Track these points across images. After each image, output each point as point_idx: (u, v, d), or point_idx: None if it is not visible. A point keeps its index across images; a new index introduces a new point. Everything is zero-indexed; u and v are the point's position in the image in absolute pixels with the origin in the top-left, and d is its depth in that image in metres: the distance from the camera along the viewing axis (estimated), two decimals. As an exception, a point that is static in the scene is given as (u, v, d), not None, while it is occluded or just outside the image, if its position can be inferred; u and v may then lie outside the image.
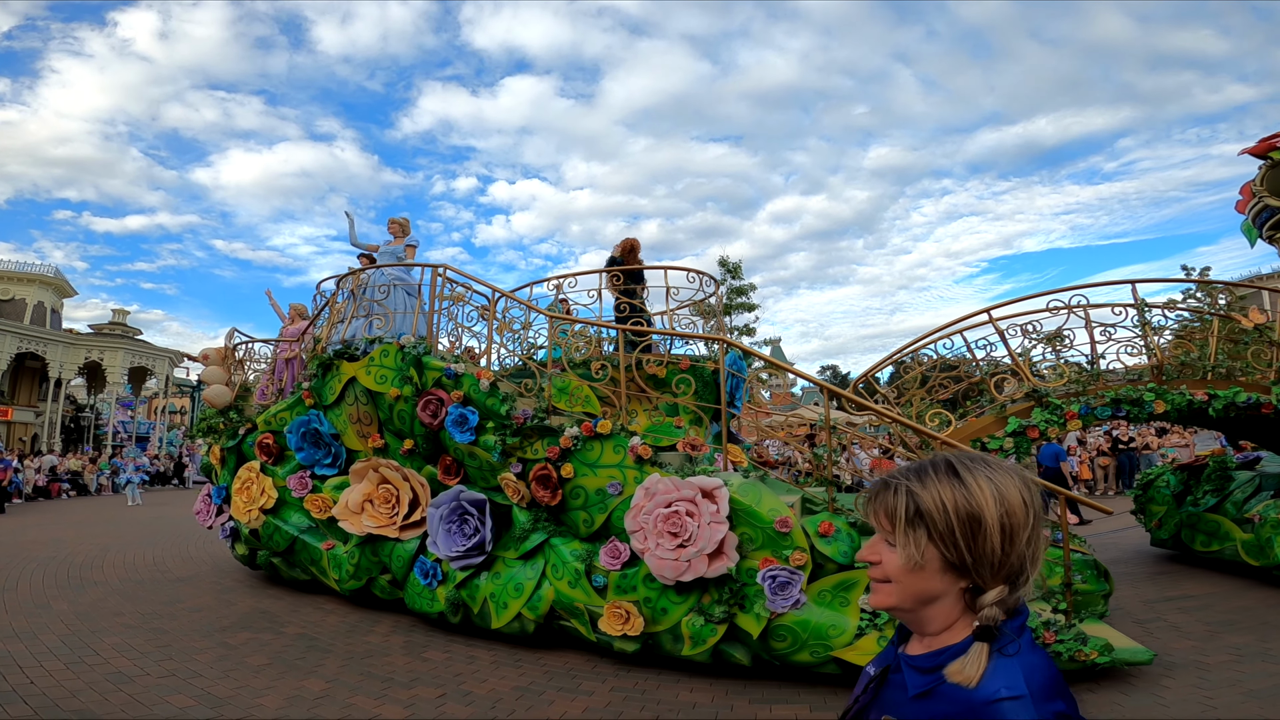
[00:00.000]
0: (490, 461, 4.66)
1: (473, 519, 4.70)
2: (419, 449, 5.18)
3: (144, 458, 20.18)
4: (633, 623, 3.83)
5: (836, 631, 3.43)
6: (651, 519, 3.71)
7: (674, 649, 3.85)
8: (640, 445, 3.98)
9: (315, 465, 5.85)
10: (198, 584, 6.34)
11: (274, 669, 3.94)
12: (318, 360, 5.77)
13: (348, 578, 5.39)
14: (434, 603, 4.78)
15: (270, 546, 5.99)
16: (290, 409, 6.07)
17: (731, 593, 3.60)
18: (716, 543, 3.53)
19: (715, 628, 3.64)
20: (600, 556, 4.14)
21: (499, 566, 4.58)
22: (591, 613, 4.13)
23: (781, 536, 3.56)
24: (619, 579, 3.99)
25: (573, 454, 4.30)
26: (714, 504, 3.61)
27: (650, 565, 3.71)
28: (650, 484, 3.84)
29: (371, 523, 5.17)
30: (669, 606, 3.81)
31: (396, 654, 4.29)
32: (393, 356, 5.24)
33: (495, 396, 4.65)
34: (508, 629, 4.43)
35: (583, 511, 4.27)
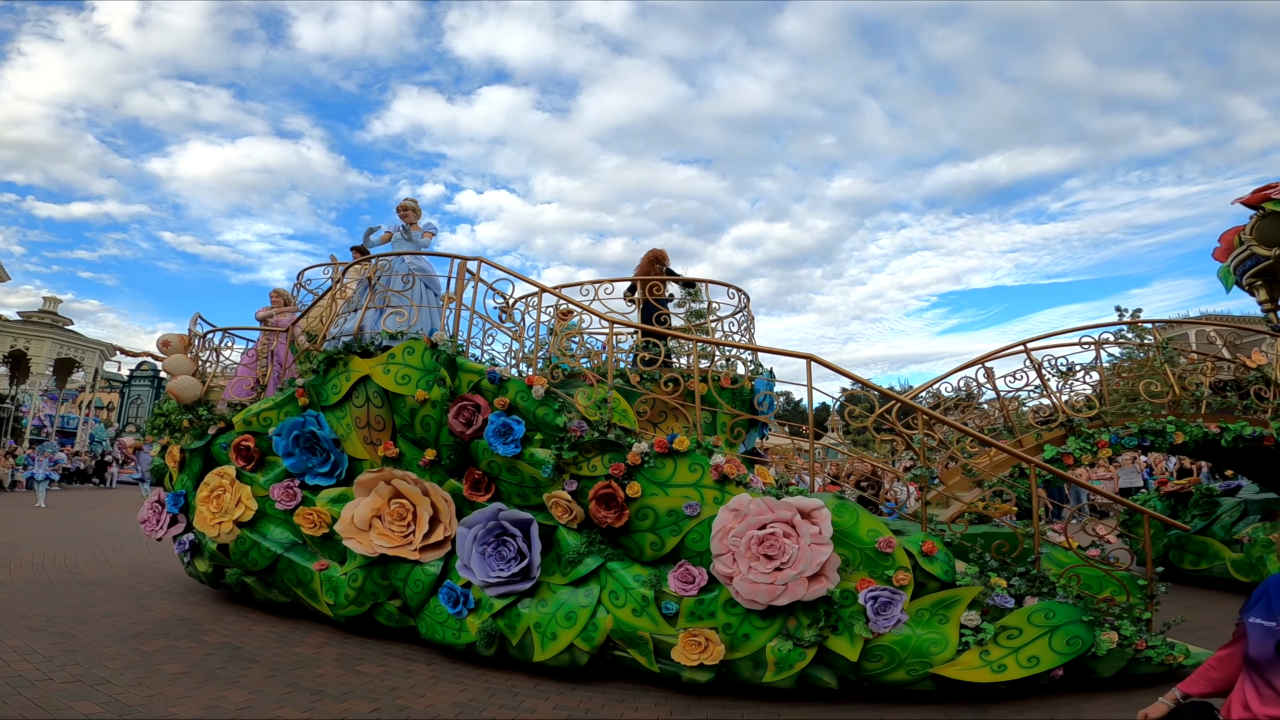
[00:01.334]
0: (536, 478, 4.26)
1: (513, 541, 4.25)
2: (442, 460, 4.65)
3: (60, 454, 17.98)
4: (711, 650, 3.60)
5: (938, 648, 3.43)
6: (743, 541, 3.51)
7: (753, 676, 3.64)
8: (725, 463, 3.77)
9: (307, 474, 5.14)
10: (111, 588, 5.94)
11: (191, 678, 3.71)
12: (321, 355, 5.09)
13: (346, 603, 4.72)
14: (462, 633, 4.26)
15: (244, 564, 5.19)
16: (278, 408, 5.31)
17: (826, 615, 3.49)
18: (819, 565, 3.41)
19: (804, 652, 3.50)
20: (669, 581, 3.87)
21: (544, 593, 4.15)
22: (658, 642, 3.83)
23: (882, 557, 3.51)
24: (693, 605, 3.74)
25: (640, 471, 4.00)
26: (815, 525, 3.47)
27: (740, 589, 3.51)
28: (739, 504, 3.63)
29: (384, 542, 4.58)
30: (751, 632, 3.62)
31: (328, 666, 4.04)
32: (419, 355, 4.70)
33: (549, 405, 4.26)
34: (555, 661, 4.02)
35: (651, 534, 3.97)
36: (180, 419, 5.74)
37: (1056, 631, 3.46)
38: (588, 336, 5.97)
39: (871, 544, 3.53)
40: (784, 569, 3.42)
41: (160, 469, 6.12)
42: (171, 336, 6.16)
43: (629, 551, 4.12)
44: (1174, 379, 4.57)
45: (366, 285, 5.32)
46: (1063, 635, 3.46)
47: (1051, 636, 3.45)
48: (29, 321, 22.78)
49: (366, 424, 4.96)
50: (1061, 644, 3.45)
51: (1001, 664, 3.38)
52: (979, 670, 3.37)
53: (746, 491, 3.72)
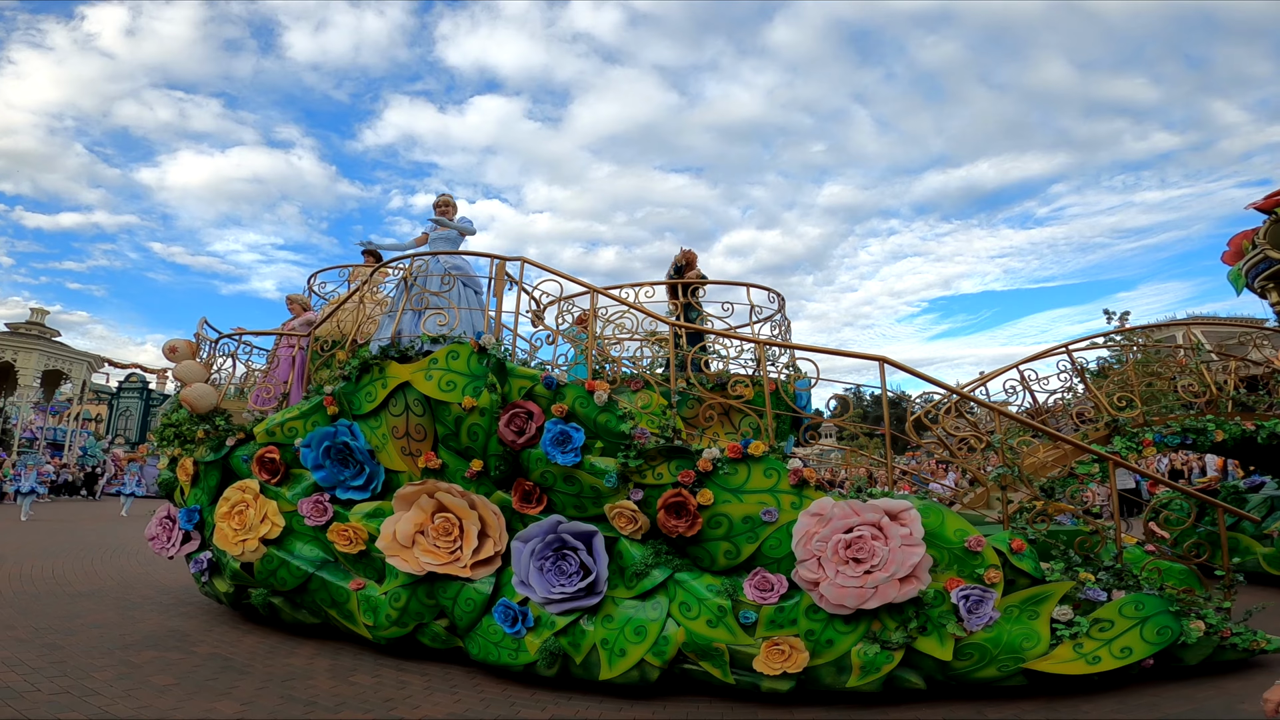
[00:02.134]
0: (597, 488, 4.10)
1: (574, 555, 4.07)
2: (490, 471, 4.44)
3: (47, 465, 17.39)
4: (795, 658, 3.52)
5: (1031, 643, 3.44)
6: (829, 546, 3.43)
7: (836, 681, 3.57)
8: (805, 468, 3.69)
9: (338, 487, 4.86)
10: (100, 599, 5.90)
11: (181, 689, 3.67)
12: (355, 360, 4.84)
13: (388, 624, 4.45)
14: (520, 653, 4.04)
15: (271, 584, 4.86)
16: (304, 418, 5.02)
17: (914, 616, 3.45)
18: (910, 566, 3.36)
19: (892, 654, 3.46)
20: (744, 590, 3.76)
21: (609, 608, 3.97)
22: (734, 652, 3.72)
23: (971, 556, 3.50)
24: (773, 613, 3.64)
25: (711, 478, 3.88)
26: (904, 527, 3.43)
27: (827, 594, 3.43)
28: (823, 509, 3.55)
29: (430, 559, 4.33)
30: (835, 637, 3.54)
31: (321, 677, 4.01)
32: (464, 359, 4.49)
33: (611, 412, 4.11)
34: (623, 679, 3.85)
35: (725, 541, 3.85)
36: (194, 429, 5.38)
37: (1147, 622, 3.51)
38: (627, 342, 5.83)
39: (959, 543, 3.50)
40: (874, 572, 3.37)
41: (170, 483, 5.72)
42: (179, 342, 5.79)
43: (698, 561, 3.99)
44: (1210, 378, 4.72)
45: (403, 287, 5.08)
46: (1153, 626, 3.51)
47: (1142, 627, 3.49)
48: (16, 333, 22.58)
49: (405, 434, 4.72)
50: (1152, 634, 3.49)
51: (1096, 656, 3.41)
52: (1073, 663, 3.39)
53: (828, 495, 3.64)
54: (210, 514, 5.34)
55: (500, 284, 5.02)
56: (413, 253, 5.31)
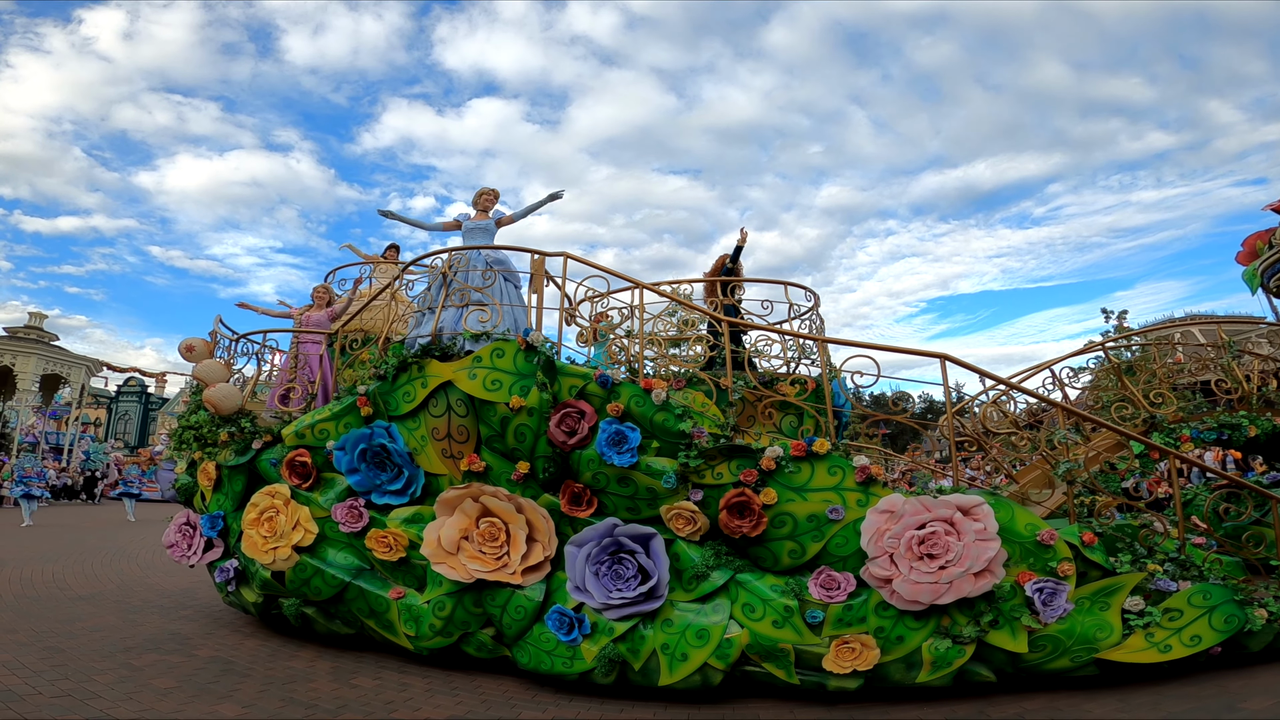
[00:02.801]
0: (653, 489, 4.01)
1: (631, 558, 3.98)
2: (538, 474, 4.33)
3: (48, 470, 17.09)
4: (865, 656, 3.50)
5: (1104, 634, 3.50)
6: (902, 542, 3.42)
7: (905, 678, 3.56)
8: (872, 465, 3.67)
9: (373, 491, 4.69)
10: (100, 602, 5.92)
11: (183, 692, 3.68)
12: (392, 359, 4.68)
13: (431, 634, 4.29)
14: (575, 661, 3.92)
15: (304, 594, 4.67)
16: (336, 419, 4.84)
17: (987, 610, 3.47)
18: (986, 561, 3.37)
19: (963, 648, 3.48)
20: (809, 589, 3.72)
21: (668, 612, 3.88)
22: (800, 652, 3.68)
23: (1043, 549, 3.52)
24: (841, 611, 3.61)
25: (773, 477, 3.83)
26: (978, 522, 3.43)
27: (901, 591, 3.42)
28: (893, 505, 3.53)
29: (478, 566, 4.19)
30: (906, 634, 3.53)
31: (322, 679, 4.00)
32: (510, 357, 4.38)
33: (669, 411, 4.04)
34: (685, 684, 3.77)
35: (790, 541, 3.79)
36: (216, 432, 5.16)
37: (1215, 611, 3.56)
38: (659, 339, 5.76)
39: (1031, 537, 3.53)
40: (949, 567, 3.37)
41: (189, 488, 5.48)
42: (196, 341, 5.56)
43: (759, 561, 3.93)
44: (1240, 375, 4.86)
45: (441, 281, 4.94)
46: (1221, 614, 3.56)
47: (1210, 616, 3.54)
48: (15, 337, 22.78)
49: (446, 435, 4.58)
50: (1220, 622, 3.55)
51: (1167, 644, 3.47)
52: (1146, 652, 3.45)
53: (896, 492, 3.63)
54: (235, 520, 5.13)
55: (540, 279, 4.92)
56: (452, 247, 5.16)
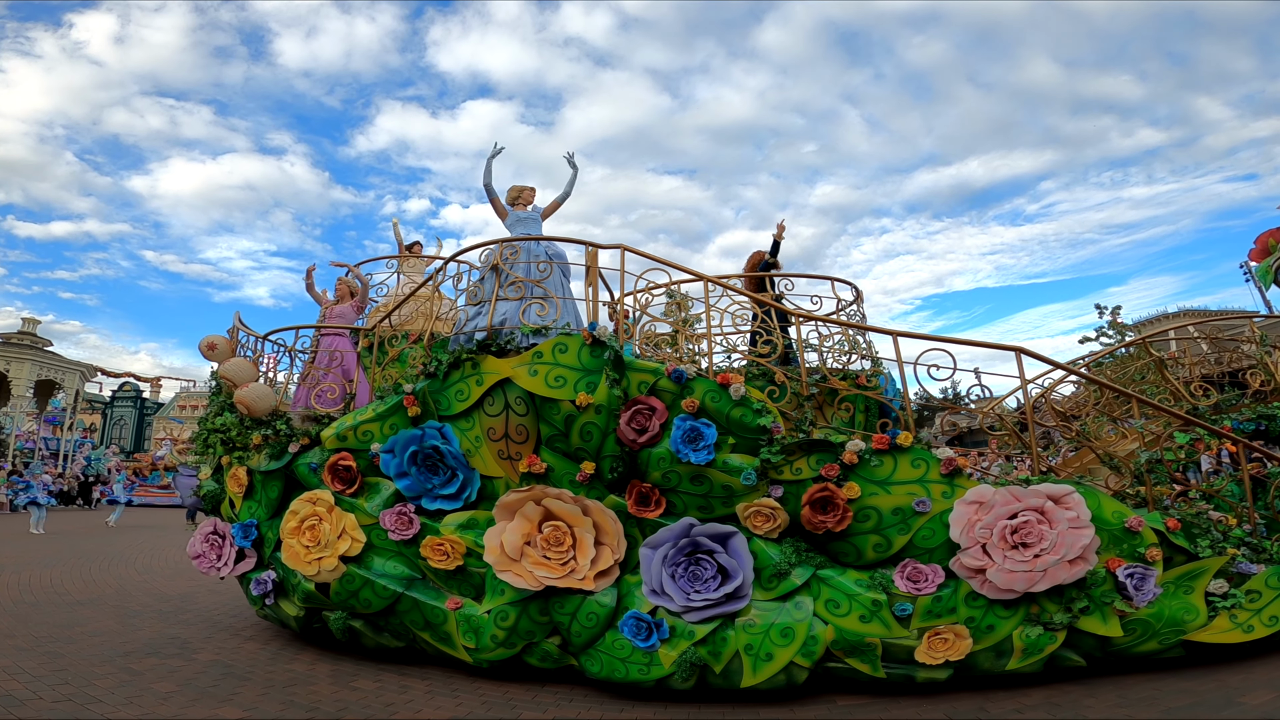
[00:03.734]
0: (730, 486, 3.93)
1: (710, 559, 3.88)
2: (603, 474, 4.19)
3: (45, 475, 16.80)
4: (957, 646, 3.52)
5: (1191, 616, 3.62)
6: (995, 532, 3.44)
7: (995, 666, 3.59)
8: (958, 457, 3.68)
9: (424, 496, 4.48)
10: (99, 607, 5.95)
11: (183, 696, 3.68)
12: (444, 355, 4.48)
13: (493, 645, 4.09)
14: (652, 668, 3.79)
15: (352, 606, 4.42)
16: (380, 420, 4.61)
17: (1078, 596, 3.53)
18: (1080, 548, 3.42)
19: (1055, 635, 3.54)
20: (895, 583, 3.70)
21: (750, 612, 3.81)
22: (888, 646, 3.66)
23: (1130, 535, 3.59)
24: (930, 603, 3.60)
25: (855, 471, 3.80)
26: (1070, 510, 3.47)
27: (995, 580, 3.45)
28: (982, 496, 3.53)
29: (546, 573, 4.03)
30: (996, 623, 3.56)
31: (323, 682, 4.01)
32: (574, 353, 4.23)
33: (746, 406, 3.96)
34: (769, 684, 3.69)
35: (875, 535, 3.76)
36: (247, 435, 4.86)
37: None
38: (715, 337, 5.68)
39: (1119, 524, 3.59)
40: (1043, 555, 3.41)
41: (215, 495, 5.14)
42: (217, 339, 5.23)
43: (839, 557, 3.88)
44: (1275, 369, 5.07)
45: (494, 273, 4.75)
46: None
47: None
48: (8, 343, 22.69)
49: (503, 435, 4.41)
50: None
51: (1250, 625, 3.58)
52: (1231, 633, 3.55)
53: (984, 483, 3.65)
54: (270, 529, 4.84)
55: (595, 273, 4.78)
56: (504, 238, 4.97)
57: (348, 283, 5.70)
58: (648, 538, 4.03)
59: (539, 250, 5.06)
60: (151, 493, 23.01)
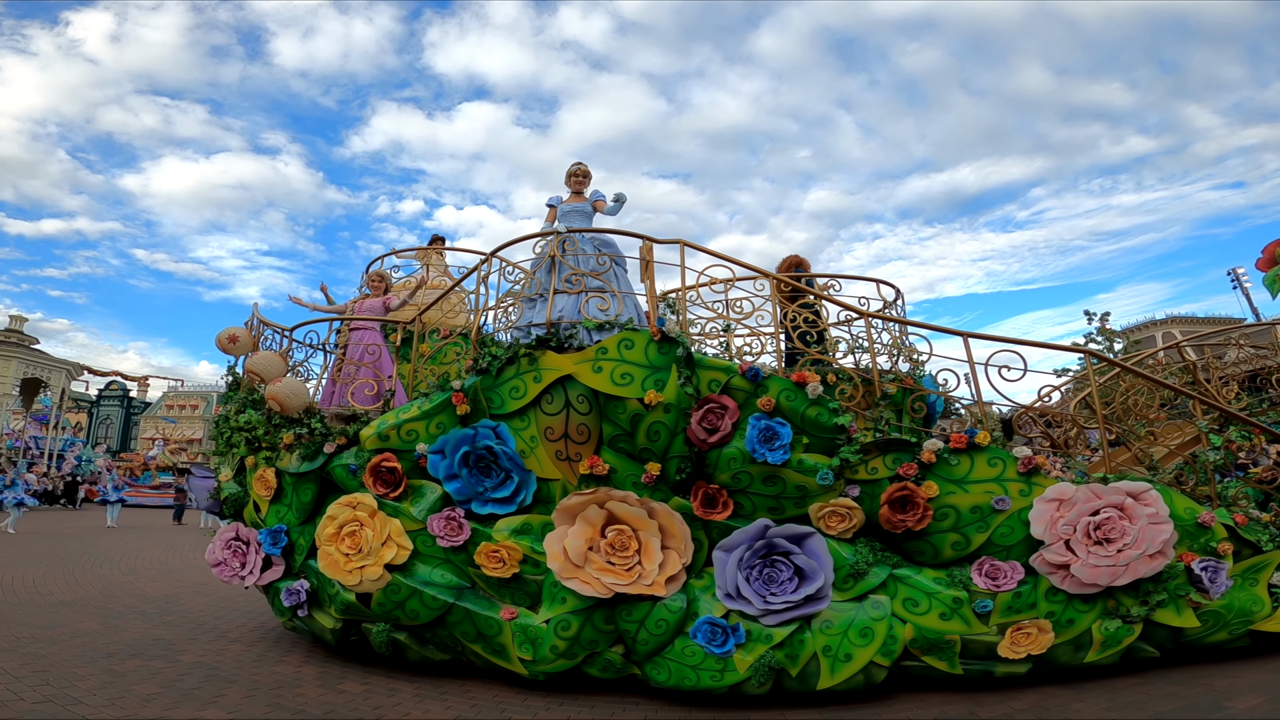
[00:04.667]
0: (804, 486, 3.86)
1: (785, 560, 3.80)
2: (668, 475, 4.07)
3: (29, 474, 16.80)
4: (1039, 640, 3.59)
5: (1258, 607, 3.76)
6: (1078, 528, 3.50)
7: (1073, 659, 3.68)
8: (1037, 455, 3.71)
9: (475, 499, 4.25)
10: (82, 608, 5.89)
11: (167, 698, 3.63)
12: (497, 350, 4.27)
13: (553, 656, 3.90)
14: (726, 674, 3.69)
15: (396, 618, 4.15)
16: (426, 419, 4.36)
17: (1154, 589, 3.62)
18: (1161, 543, 3.52)
19: (1132, 627, 3.64)
20: (974, 580, 3.72)
21: (827, 613, 3.75)
22: (967, 642, 3.67)
23: (1202, 530, 3.72)
24: (1010, 599, 3.65)
25: (932, 470, 3.79)
26: (1149, 506, 3.57)
27: (1079, 575, 3.54)
28: (1063, 494, 3.59)
29: (614, 579, 3.86)
30: (1076, 617, 3.65)
31: (309, 685, 3.96)
32: (640, 349, 4.10)
33: (823, 405, 3.91)
34: (846, 685, 3.65)
35: (954, 533, 3.76)
36: (277, 434, 4.51)
37: None
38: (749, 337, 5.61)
39: (1191, 520, 3.72)
40: (1125, 550, 3.49)
41: (237, 498, 4.75)
42: (239, 331, 4.87)
43: (914, 555, 3.87)
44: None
45: (550, 265, 4.56)
46: None
47: None
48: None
49: (563, 435, 4.23)
50: None
51: None
52: None
53: (1063, 481, 3.70)
54: (300, 535, 4.51)
55: (652, 267, 4.65)
56: (557, 229, 4.78)
57: (383, 275, 5.38)
58: (721, 540, 3.93)
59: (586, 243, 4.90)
60: (144, 493, 22.70)
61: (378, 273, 5.51)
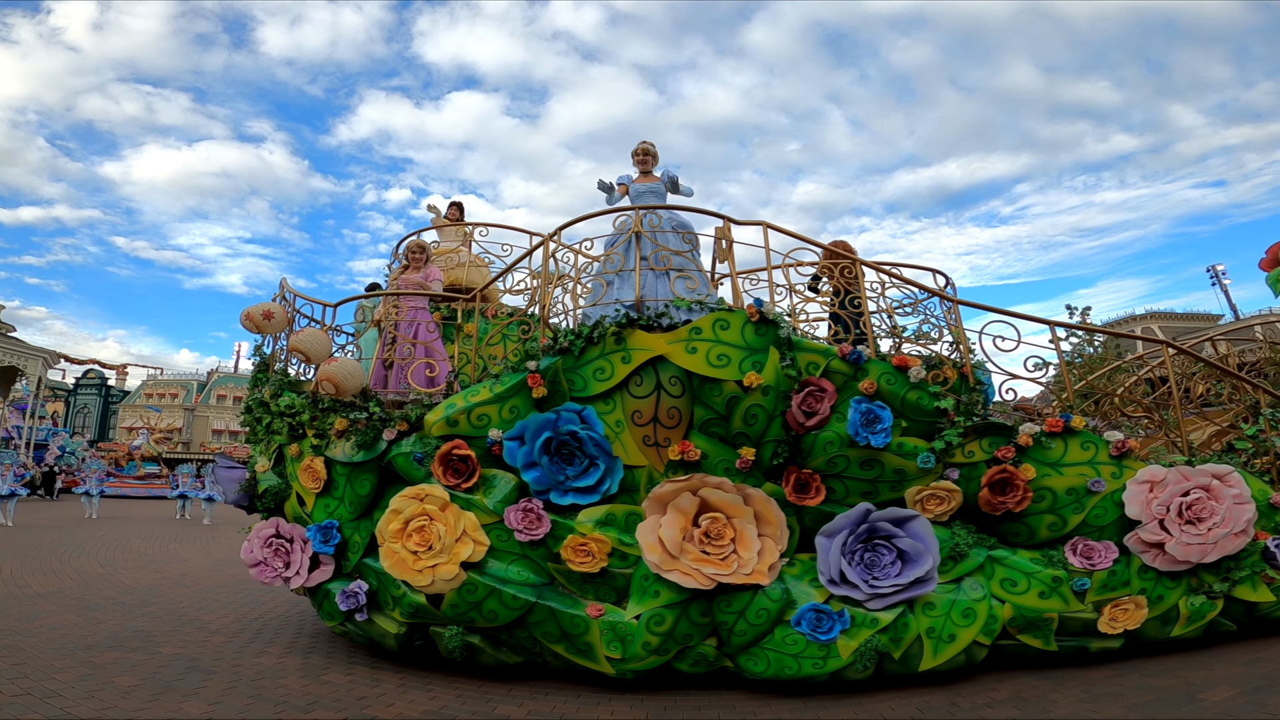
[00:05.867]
0: (903, 470, 3.83)
1: (887, 544, 3.75)
2: (763, 460, 3.95)
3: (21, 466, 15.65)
4: (1135, 615, 3.75)
5: None
6: (1171, 509, 3.66)
7: (1160, 633, 3.86)
8: (1128, 439, 3.83)
9: (554, 489, 3.98)
10: (60, 600, 5.77)
11: (146, 689, 3.56)
12: (582, 327, 3.99)
13: (645, 653, 3.69)
14: (829, 660, 3.62)
15: (471, 619, 3.82)
16: (499, 402, 4.03)
17: (1234, 566, 3.82)
18: (1245, 522, 3.72)
19: (1215, 603, 3.85)
20: (1070, 559, 3.82)
21: (929, 595, 3.75)
22: (1065, 620, 3.78)
23: (1274, 510, 3.95)
24: (1105, 577, 3.79)
25: (1027, 453, 3.84)
26: (1233, 488, 3.75)
27: (1174, 553, 3.71)
28: (1154, 476, 3.74)
29: (715, 570, 3.70)
30: (1164, 593, 3.82)
31: (292, 676, 3.92)
32: (736, 330, 3.94)
33: (923, 389, 3.88)
34: (948, 665, 3.67)
35: (1050, 515, 3.83)
36: (325, 419, 4.05)
37: None
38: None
39: (1264, 500, 3.93)
40: (1215, 529, 3.66)
41: (278, 491, 4.24)
42: (275, 307, 4.34)
43: (1009, 537, 3.93)
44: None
45: (633, 241, 4.30)
46: None
47: None
48: None
49: (651, 419, 4.02)
50: None
51: None
52: None
53: (1159, 464, 3.85)
54: (354, 531, 4.09)
55: (730, 249, 4.49)
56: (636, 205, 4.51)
57: (423, 245, 4.90)
58: (823, 526, 3.84)
59: (662, 221, 4.67)
60: (128, 483, 21.93)
61: (417, 243, 5.03)
